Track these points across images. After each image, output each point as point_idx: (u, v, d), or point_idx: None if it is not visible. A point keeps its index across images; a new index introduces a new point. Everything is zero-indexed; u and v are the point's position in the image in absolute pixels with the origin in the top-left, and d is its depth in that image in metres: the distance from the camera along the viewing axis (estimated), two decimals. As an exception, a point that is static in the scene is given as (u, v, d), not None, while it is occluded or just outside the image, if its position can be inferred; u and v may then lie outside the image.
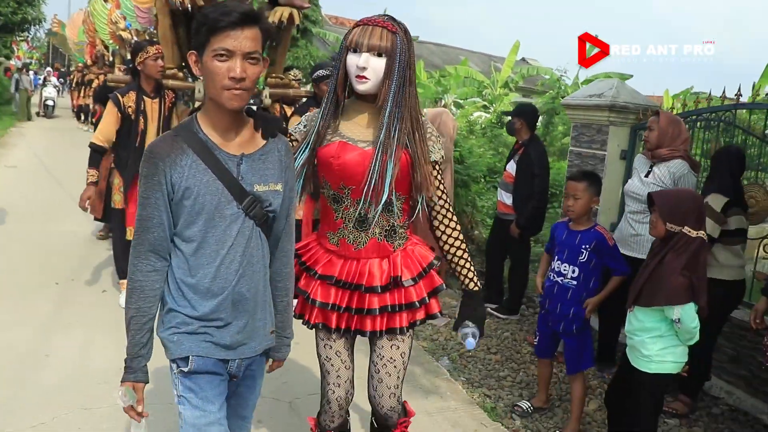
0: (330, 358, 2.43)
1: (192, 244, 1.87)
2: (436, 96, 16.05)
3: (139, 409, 1.91)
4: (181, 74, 5.22)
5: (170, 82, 4.98)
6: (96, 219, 6.45)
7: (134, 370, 1.90)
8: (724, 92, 4.57)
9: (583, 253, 3.50)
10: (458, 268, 2.42)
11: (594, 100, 5.47)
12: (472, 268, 2.42)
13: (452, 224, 2.39)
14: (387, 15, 2.24)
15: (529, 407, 3.82)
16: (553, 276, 3.62)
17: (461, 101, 17.22)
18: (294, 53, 19.83)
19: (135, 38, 10.77)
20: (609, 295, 3.55)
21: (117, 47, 11.82)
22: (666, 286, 2.76)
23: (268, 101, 5.53)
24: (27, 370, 3.74)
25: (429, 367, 4.31)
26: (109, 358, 3.90)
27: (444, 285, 2.45)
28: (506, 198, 5.61)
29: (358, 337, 2.44)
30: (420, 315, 2.40)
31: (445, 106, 14.99)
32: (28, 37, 31.63)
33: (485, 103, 16.98)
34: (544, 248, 3.99)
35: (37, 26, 24.56)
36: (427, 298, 2.37)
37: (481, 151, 9.56)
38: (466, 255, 2.41)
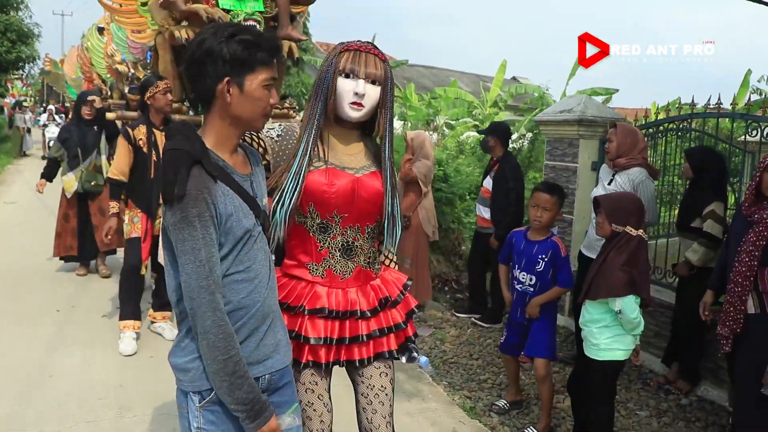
0: (312, 403, 2.26)
1: (226, 265, 1.83)
2: (427, 118, 16.33)
3: None
4: (185, 107, 5.40)
5: (176, 116, 5.12)
6: (63, 257, 6.73)
7: (269, 404, 1.85)
8: (692, 101, 4.87)
9: (539, 262, 3.73)
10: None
11: (564, 115, 5.76)
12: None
13: None
14: (370, 42, 2.21)
15: (506, 404, 4.06)
16: (513, 283, 3.88)
17: (452, 122, 17.51)
18: (287, 81, 20.24)
19: (132, 71, 11.02)
20: (548, 301, 3.75)
21: (114, 81, 12.06)
22: (608, 281, 3.05)
23: None
24: (33, 388, 3.99)
25: (412, 373, 4.54)
26: (110, 376, 4.20)
27: (418, 307, 2.46)
28: (484, 212, 5.89)
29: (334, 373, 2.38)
30: (401, 339, 2.36)
31: (436, 127, 15.30)
32: (22, 75, 32.07)
33: (476, 122, 17.26)
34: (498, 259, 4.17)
35: (32, 64, 24.90)
36: (405, 321, 2.35)
37: (469, 170, 9.83)
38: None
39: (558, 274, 3.73)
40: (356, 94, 2.11)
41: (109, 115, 6.00)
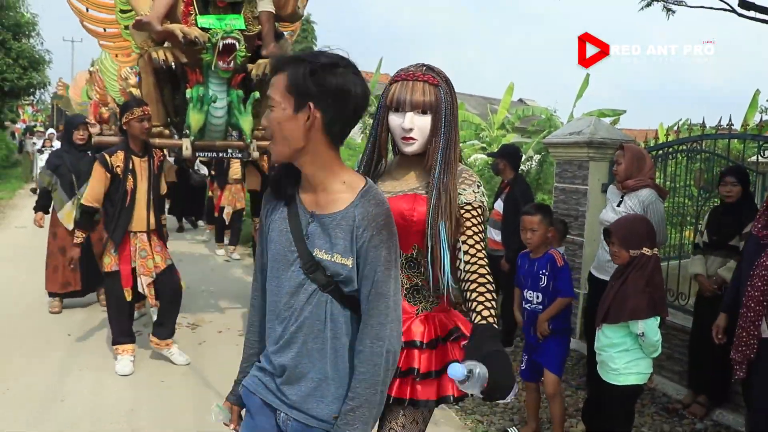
0: None
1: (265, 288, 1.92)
2: (434, 140, 16.31)
3: (231, 427, 2.01)
4: (167, 132, 5.27)
5: (157, 141, 5.00)
6: (60, 295, 6.32)
7: (233, 393, 2.01)
8: (703, 122, 4.90)
9: (542, 278, 3.76)
10: (472, 302, 1.95)
11: (573, 137, 5.76)
12: (486, 303, 1.94)
13: (476, 258, 2.00)
14: (425, 65, 2.09)
15: (518, 434, 4.02)
16: (523, 303, 3.90)
17: (460, 144, 17.45)
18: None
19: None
20: (554, 314, 3.73)
21: (128, 104, 11.97)
22: (630, 304, 3.03)
23: (255, 154, 5.50)
24: (45, 412, 3.99)
25: (424, 397, 4.51)
26: (121, 400, 4.19)
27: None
28: (495, 235, 5.88)
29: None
30: (429, 393, 2.01)
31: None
32: (33, 101, 32.43)
33: (483, 145, 17.30)
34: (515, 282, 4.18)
35: (42, 90, 25.18)
36: (434, 373, 2.01)
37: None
38: (489, 286, 1.96)
39: (557, 284, 3.73)
40: (403, 129, 2.02)
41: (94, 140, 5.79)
